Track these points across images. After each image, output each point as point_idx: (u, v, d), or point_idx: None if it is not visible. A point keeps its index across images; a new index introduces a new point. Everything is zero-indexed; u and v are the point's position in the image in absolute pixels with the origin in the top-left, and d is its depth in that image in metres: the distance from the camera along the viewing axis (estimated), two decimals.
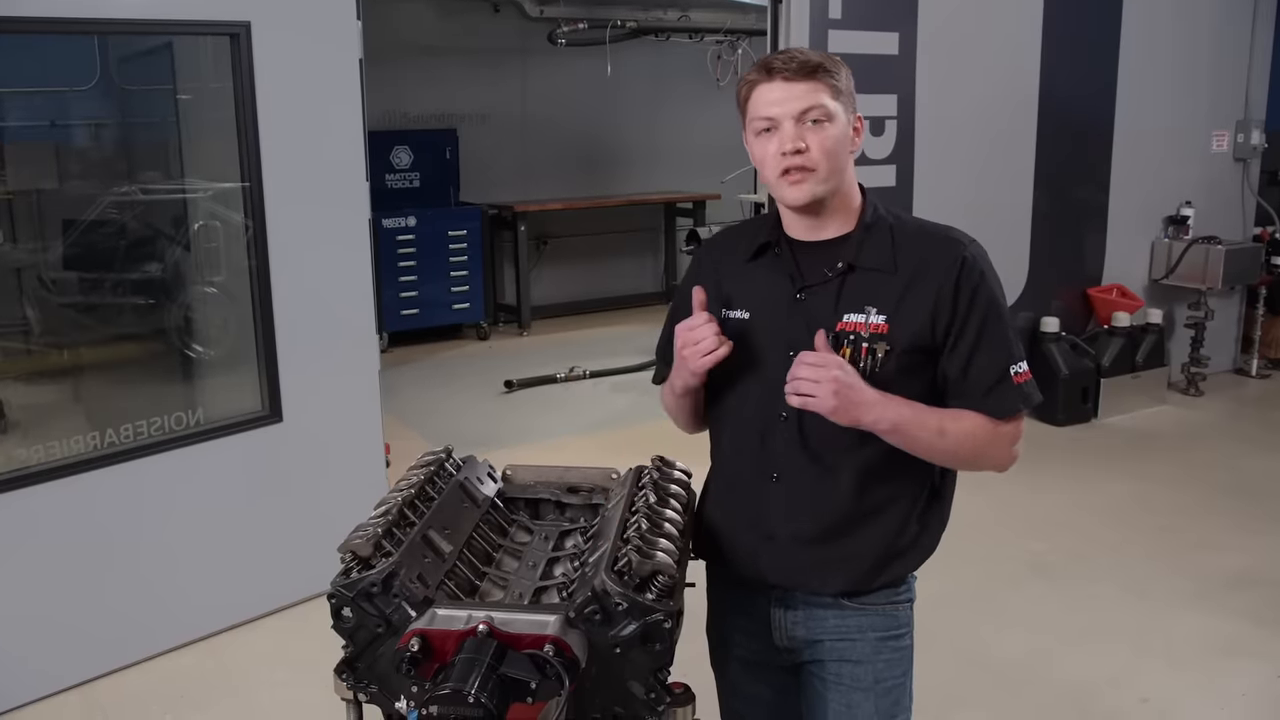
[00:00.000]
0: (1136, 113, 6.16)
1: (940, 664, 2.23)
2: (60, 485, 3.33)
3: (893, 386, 1.70)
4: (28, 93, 4.56)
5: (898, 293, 1.73)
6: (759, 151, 1.75)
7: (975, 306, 1.73)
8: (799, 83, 1.70)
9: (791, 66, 1.70)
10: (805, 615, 1.85)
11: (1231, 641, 3.64)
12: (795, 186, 1.72)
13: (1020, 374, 1.75)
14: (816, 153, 1.70)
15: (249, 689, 3.47)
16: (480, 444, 3.17)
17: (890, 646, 1.85)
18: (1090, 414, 6.04)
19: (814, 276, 1.77)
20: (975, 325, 1.73)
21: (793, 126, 1.70)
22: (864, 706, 1.84)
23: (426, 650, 1.52)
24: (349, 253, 3.90)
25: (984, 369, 1.73)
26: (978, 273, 1.74)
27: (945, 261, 1.74)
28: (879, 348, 1.72)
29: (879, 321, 1.72)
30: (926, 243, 1.77)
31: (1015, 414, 1.76)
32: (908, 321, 1.72)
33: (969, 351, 1.73)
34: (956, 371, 1.74)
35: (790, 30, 4.85)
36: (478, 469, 2.08)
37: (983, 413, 1.74)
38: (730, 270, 1.87)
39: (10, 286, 4.52)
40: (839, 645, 1.84)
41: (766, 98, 1.72)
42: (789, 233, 1.82)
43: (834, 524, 1.78)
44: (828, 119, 1.71)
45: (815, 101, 1.70)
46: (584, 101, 8.69)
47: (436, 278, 7.92)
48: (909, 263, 1.74)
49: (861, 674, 1.84)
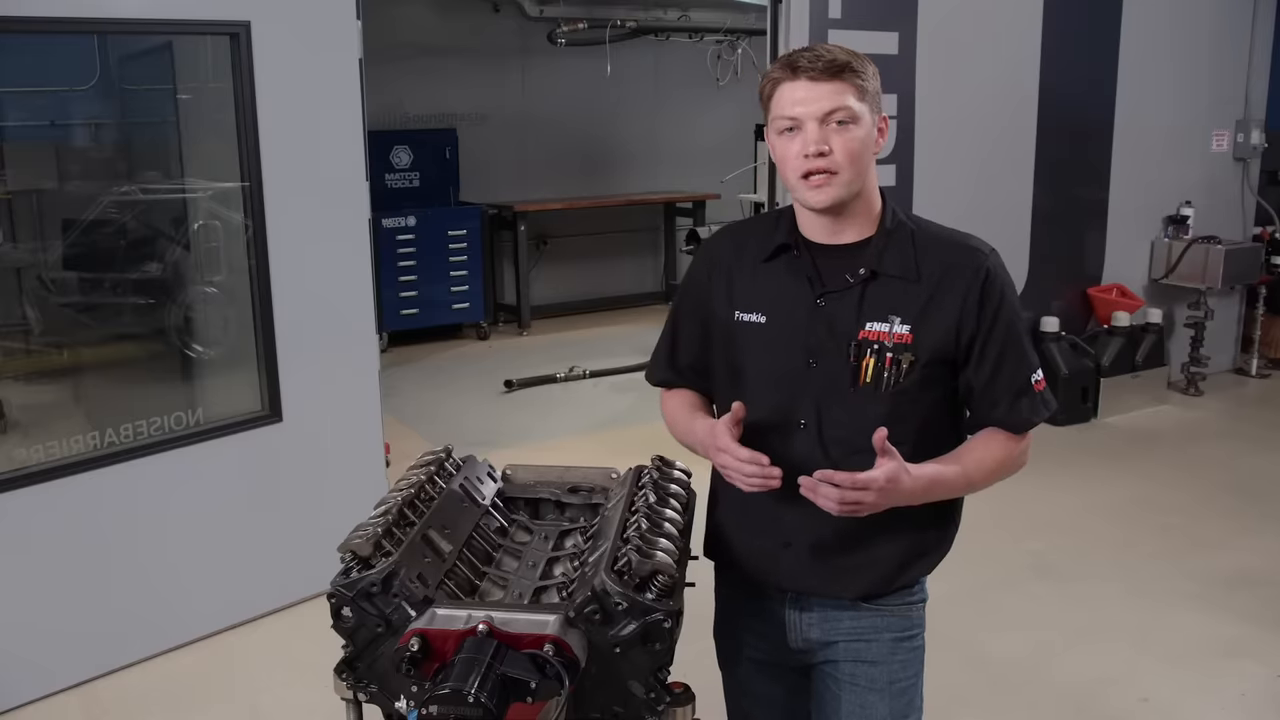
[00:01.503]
0: (1136, 112, 6.16)
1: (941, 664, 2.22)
2: (60, 485, 3.33)
3: (912, 397, 1.70)
4: (28, 93, 4.55)
5: (921, 302, 1.71)
6: (781, 151, 1.71)
7: (999, 319, 1.72)
8: (825, 83, 1.65)
9: (818, 66, 1.65)
10: (821, 617, 1.84)
11: (1231, 641, 3.64)
12: (817, 190, 1.68)
13: (1039, 382, 1.76)
14: (840, 155, 1.66)
15: (249, 689, 3.47)
16: (480, 444, 3.17)
17: (905, 647, 1.85)
18: (1090, 414, 6.03)
19: (835, 282, 1.74)
20: (999, 338, 1.73)
21: (816, 128, 1.66)
22: (879, 707, 1.84)
23: (426, 650, 1.52)
24: (349, 252, 3.90)
25: (1008, 380, 1.74)
26: (999, 284, 1.73)
27: (968, 271, 1.72)
28: (904, 359, 1.70)
29: (903, 331, 1.70)
30: (948, 251, 1.75)
31: (1035, 424, 1.77)
32: (931, 332, 1.71)
33: (995, 364, 1.73)
34: (982, 384, 1.74)
35: (790, 30, 4.85)
36: (478, 469, 2.08)
37: (1004, 429, 1.76)
38: (742, 270, 1.83)
39: (10, 286, 4.51)
40: (854, 646, 1.83)
41: (790, 96, 1.67)
42: (806, 235, 1.78)
43: (853, 531, 1.74)
44: (853, 120, 1.67)
45: (841, 103, 1.65)
46: (584, 101, 8.69)
47: (436, 277, 7.91)
48: (931, 271, 1.72)
49: (877, 675, 1.83)
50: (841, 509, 1.62)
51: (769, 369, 1.77)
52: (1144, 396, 6.23)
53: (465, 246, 8.04)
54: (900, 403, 1.72)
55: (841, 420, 1.74)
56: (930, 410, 1.75)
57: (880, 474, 1.61)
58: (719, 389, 1.88)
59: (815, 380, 1.74)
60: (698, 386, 1.94)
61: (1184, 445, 5.70)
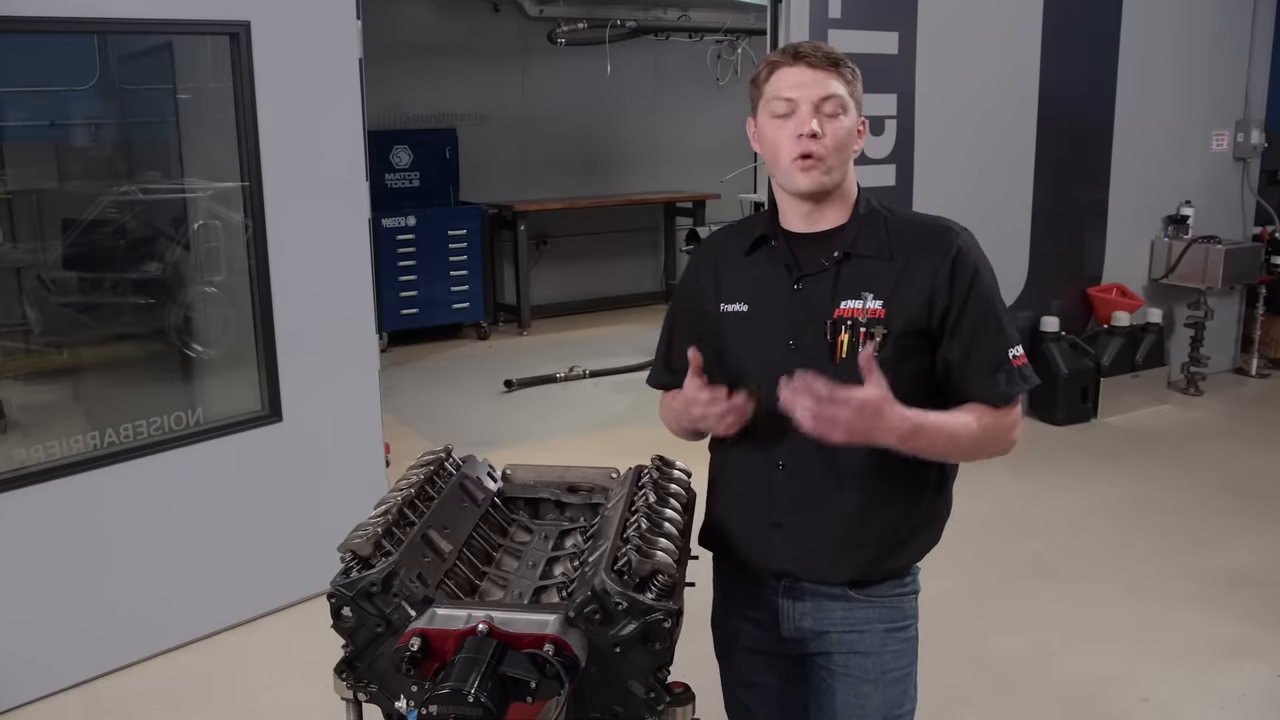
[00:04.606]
0: (1136, 112, 6.16)
1: (940, 663, 2.23)
2: (60, 485, 3.33)
3: (890, 369, 1.70)
4: (28, 93, 4.55)
5: (894, 278, 1.76)
6: (772, 134, 1.77)
7: (973, 292, 1.75)
8: (822, 70, 1.74)
9: (818, 55, 1.74)
10: (813, 606, 1.85)
11: (1231, 641, 3.64)
12: (806, 174, 1.74)
13: (1018, 357, 1.78)
14: (830, 141, 1.73)
15: (249, 689, 3.47)
16: (480, 444, 3.17)
17: (897, 638, 1.86)
18: (1090, 414, 6.03)
19: (811, 266, 1.79)
20: (973, 311, 1.75)
21: (810, 111, 1.72)
22: (872, 698, 1.86)
23: (426, 650, 1.52)
24: (349, 252, 3.90)
25: (985, 354, 1.76)
26: (972, 259, 1.77)
27: (939, 247, 1.77)
28: (876, 331, 1.74)
29: (875, 306, 1.75)
30: (920, 230, 1.81)
31: (1016, 398, 1.78)
32: (904, 305, 1.74)
33: (969, 337, 1.75)
34: (958, 357, 1.76)
35: (790, 30, 4.84)
36: (478, 468, 2.09)
37: (984, 402, 1.76)
38: (727, 265, 1.89)
39: (10, 286, 4.52)
40: (847, 637, 1.85)
41: (789, 79, 1.74)
42: (785, 225, 1.84)
43: (840, 511, 1.79)
44: (843, 111, 1.74)
45: (835, 91, 1.73)
46: (584, 101, 8.69)
47: (436, 277, 7.92)
48: (903, 249, 1.77)
49: (869, 665, 1.85)
50: (816, 425, 1.60)
51: (753, 354, 1.82)
52: (1144, 396, 6.23)
53: (465, 246, 8.04)
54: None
55: None
56: (910, 385, 1.73)
57: (862, 393, 1.59)
58: (711, 380, 1.89)
59: (796, 361, 1.74)
60: None
61: (1184, 445, 5.70)
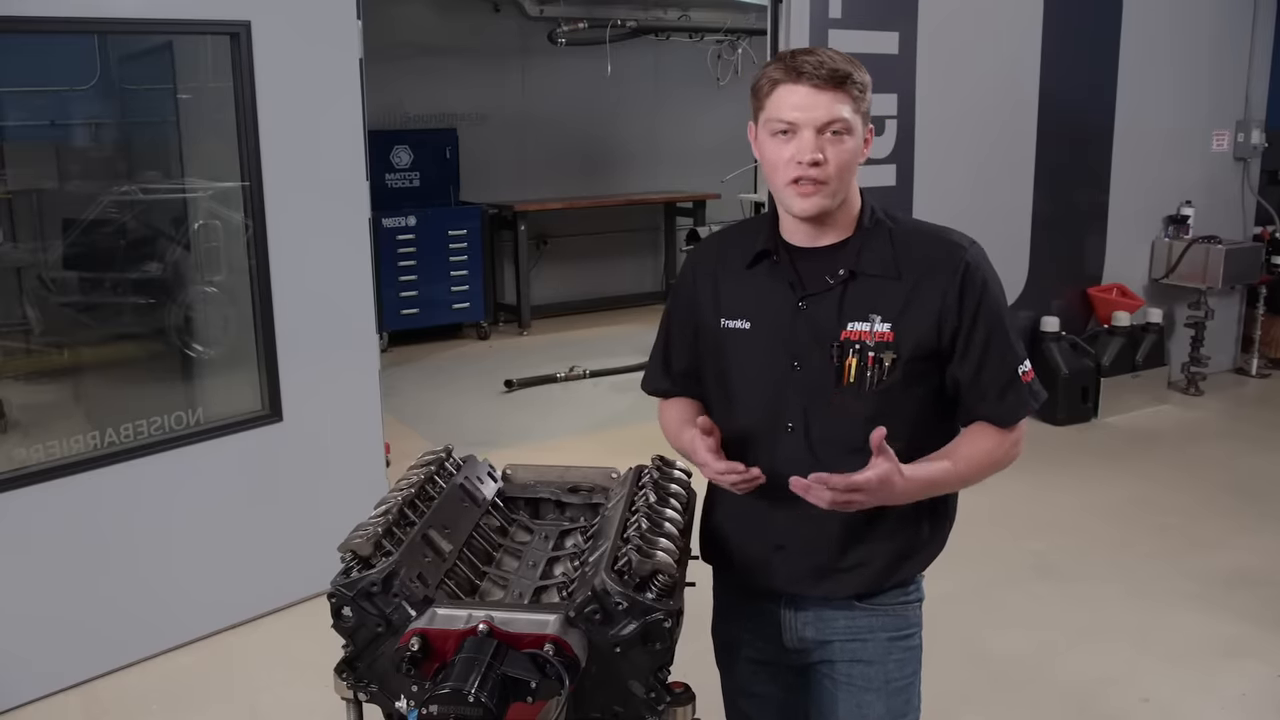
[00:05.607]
0: (1137, 112, 6.16)
1: (941, 663, 2.22)
2: (60, 485, 3.32)
3: (898, 394, 1.70)
4: (28, 93, 4.55)
5: (901, 299, 1.71)
6: (771, 154, 1.70)
7: (982, 312, 1.72)
8: (826, 91, 1.64)
9: (822, 73, 1.64)
10: (815, 616, 1.84)
11: (1231, 641, 3.64)
12: (805, 198, 1.68)
13: (1026, 373, 1.76)
14: (833, 166, 1.66)
15: (249, 689, 3.47)
16: (480, 444, 3.16)
17: (900, 646, 1.85)
18: (1090, 414, 6.03)
19: (815, 284, 1.74)
20: (983, 331, 1.72)
21: (813, 136, 1.65)
22: (875, 707, 1.84)
23: (426, 649, 1.52)
24: (349, 252, 3.90)
25: (995, 373, 1.74)
26: (981, 277, 1.73)
27: (948, 266, 1.72)
28: (885, 357, 1.70)
29: (884, 330, 1.70)
30: (926, 245, 1.75)
31: (1024, 416, 1.76)
32: (913, 328, 1.71)
33: (979, 357, 1.73)
34: (968, 377, 1.74)
35: (790, 30, 4.84)
36: (478, 468, 2.08)
37: (993, 423, 1.75)
38: (728, 276, 1.84)
39: (10, 286, 4.51)
40: (850, 646, 1.84)
41: (790, 100, 1.66)
42: (787, 238, 1.79)
43: (843, 532, 1.76)
44: (847, 132, 1.66)
45: (839, 114, 1.65)
46: (584, 101, 8.68)
47: (436, 277, 7.91)
48: (911, 267, 1.72)
49: (873, 674, 1.83)
50: (833, 506, 1.63)
51: (755, 374, 1.78)
52: (1144, 396, 6.23)
53: (465, 246, 8.04)
54: (886, 401, 1.72)
55: (828, 421, 1.74)
56: (918, 407, 1.74)
57: (873, 475, 1.61)
58: (709, 395, 1.89)
59: (800, 383, 1.74)
60: (692, 392, 1.94)
61: (1184, 445, 5.70)
